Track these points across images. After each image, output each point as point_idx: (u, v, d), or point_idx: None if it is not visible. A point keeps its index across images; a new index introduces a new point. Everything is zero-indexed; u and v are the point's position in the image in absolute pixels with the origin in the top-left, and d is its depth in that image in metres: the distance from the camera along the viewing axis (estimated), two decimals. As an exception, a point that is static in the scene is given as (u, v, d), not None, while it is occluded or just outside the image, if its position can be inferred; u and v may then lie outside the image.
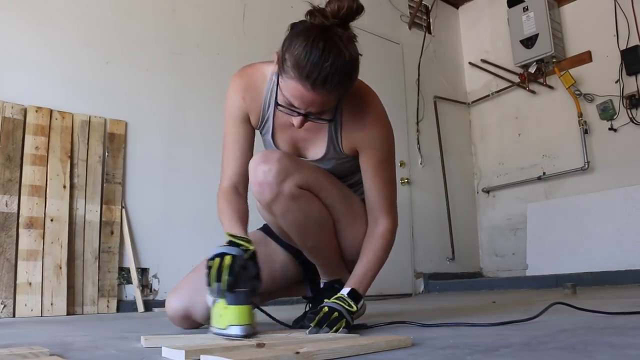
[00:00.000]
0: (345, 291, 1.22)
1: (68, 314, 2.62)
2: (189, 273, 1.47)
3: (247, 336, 1.02)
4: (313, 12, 1.10)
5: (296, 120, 1.16)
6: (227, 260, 1.05)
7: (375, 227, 1.34)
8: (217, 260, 1.06)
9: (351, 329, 1.17)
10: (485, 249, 5.01)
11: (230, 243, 1.12)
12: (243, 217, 1.28)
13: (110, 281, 2.83)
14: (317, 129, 1.31)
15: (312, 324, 1.11)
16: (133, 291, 2.93)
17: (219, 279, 1.03)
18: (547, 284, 3.71)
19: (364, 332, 1.21)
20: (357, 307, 1.19)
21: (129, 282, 2.93)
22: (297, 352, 0.74)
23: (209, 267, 1.07)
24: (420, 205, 4.56)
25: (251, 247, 1.11)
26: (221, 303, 1.06)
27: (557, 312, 1.46)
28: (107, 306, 2.79)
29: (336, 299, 1.19)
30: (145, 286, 3.01)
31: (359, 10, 1.10)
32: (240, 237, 1.15)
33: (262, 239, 1.56)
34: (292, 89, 1.10)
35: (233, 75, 1.38)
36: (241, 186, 1.36)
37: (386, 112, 1.34)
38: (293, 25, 1.13)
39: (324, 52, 1.05)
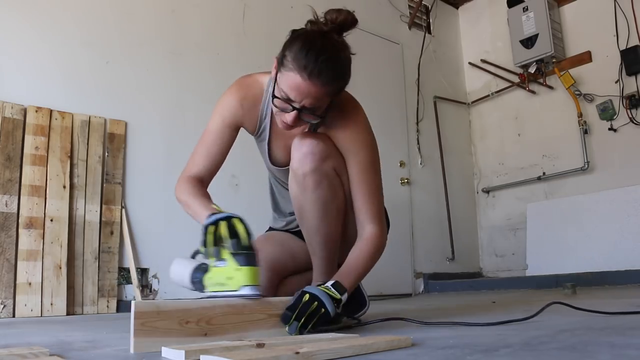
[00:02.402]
0: (329, 283, 1.22)
1: (68, 314, 2.62)
2: None
3: (260, 296, 1.07)
4: (313, 21, 1.22)
5: (290, 115, 1.21)
6: (238, 221, 1.10)
7: (362, 232, 1.35)
8: (224, 222, 1.09)
9: (334, 318, 1.16)
10: (485, 249, 5.01)
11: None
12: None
13: (110, 281, 2.83)
14: (302, 130, 1.36)
15: (292, 316, 1.10)
16: (133, 291, 2.93)
17: (233, 236, 1.07)
18: (547, 284, 3.71)
19: (364, 332, 1.21)
20: (341, 296, 1.18)
21: (129, 282, 2.93)
22: (297, 352, 0.73)
23: (212, 230, 1.09)
24: (420, 205, 4.56)
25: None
26: (229, 266, 1.08)
27: (557, 312, 1.46)
28: (107, 306, 2.79)
29: (319, 286, 1.18)
30: (145, 286, 3.01)
31: (354, 22, 1.22)
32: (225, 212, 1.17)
33: (270, 233, 1.60)
34: (289, 80, 1.18)
35: (232, 84, 1.44)
36: (206, 180, 1.43)
37: (370, 126, 1.40)
38: (294, 31, 1.24)
39: (321, 49, 1.16)
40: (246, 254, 1.07)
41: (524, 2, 4.58)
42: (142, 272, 3.02)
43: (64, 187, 2.78)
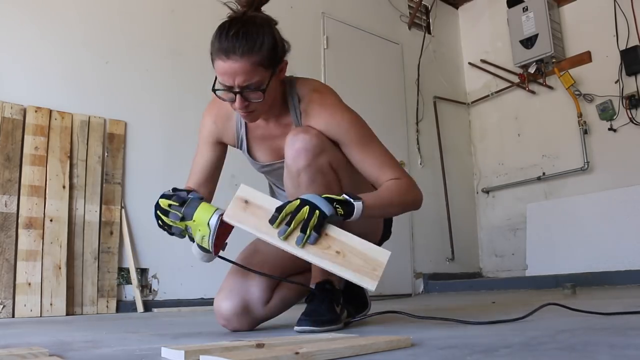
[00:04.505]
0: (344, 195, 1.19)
1: (67, 314, 2.62)
2: (229, 275, 1.46)
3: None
4: (229, 7, 1.31)
5: (237, 102, 1.25)
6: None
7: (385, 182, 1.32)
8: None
9: (330, 217, 1.14)
10: (484, 249, 5.01)
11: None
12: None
13: (109, 281, 2.83)
14: (284, 130, 1.38)
15: (279, 217, 1.12)
16: (132, 291, 2.93)
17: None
18: (546, 284, 3.71)
19: (363, 332, 1.21)
20: (351, 201, 1.17)
21: (129, 282, 2.93)
22: (297, 353, 0.73)
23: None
24: (420, 206, 4.55)
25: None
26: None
27: (557, 312, 1.46)
28: (107, 306, 2.79)
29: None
30: (144, 286, 3.01)
31: None
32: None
33: None
34: (217, 68, 1.25)
35: (208, 103, 1.50)
36: (202, 191, 1.46)
37: (343, 102, 1.38)
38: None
39: (228, 27, 1.24)
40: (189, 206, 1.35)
41: (523, 2, 4.58)
42: (142, 272, 3.02)
43: (64, 187, 2.78)
